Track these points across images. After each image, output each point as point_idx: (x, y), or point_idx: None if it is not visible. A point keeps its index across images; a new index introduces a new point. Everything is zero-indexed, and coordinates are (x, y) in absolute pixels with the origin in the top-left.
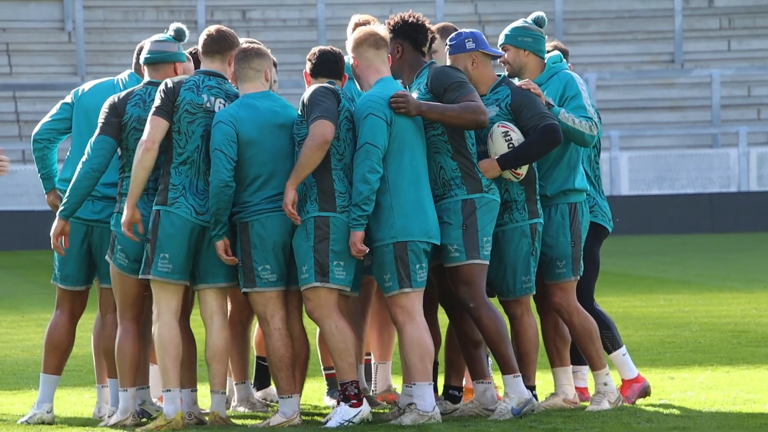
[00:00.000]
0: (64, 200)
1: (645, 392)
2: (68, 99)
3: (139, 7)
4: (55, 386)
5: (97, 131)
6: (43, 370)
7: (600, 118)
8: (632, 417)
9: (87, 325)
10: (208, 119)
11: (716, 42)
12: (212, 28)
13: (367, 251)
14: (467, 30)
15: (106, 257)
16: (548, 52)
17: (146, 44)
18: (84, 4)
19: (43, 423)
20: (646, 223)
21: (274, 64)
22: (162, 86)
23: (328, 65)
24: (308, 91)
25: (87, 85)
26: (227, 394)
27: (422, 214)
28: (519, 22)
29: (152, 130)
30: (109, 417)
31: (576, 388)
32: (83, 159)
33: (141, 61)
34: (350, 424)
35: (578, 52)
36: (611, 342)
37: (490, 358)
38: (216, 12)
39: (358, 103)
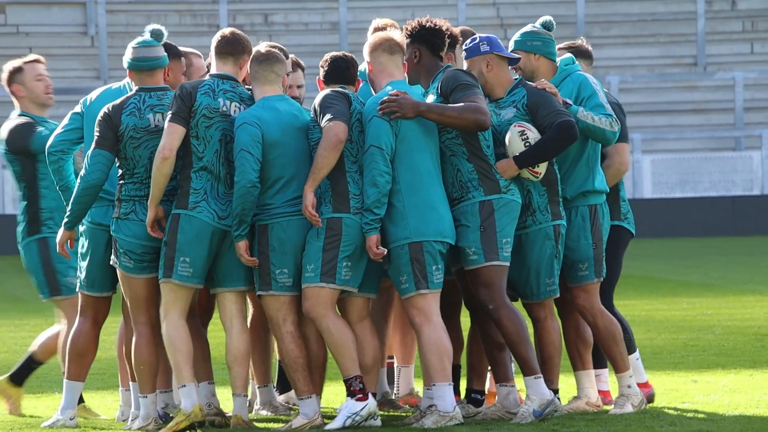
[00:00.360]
0: (68, 212)
1: (649, 399)
2: (78, 109)
3: (162, 11)
4: (79, 393)
5: (93, 144)
6: (66, 377)
7: (624, 114)
8: (655, 420)
9: (110, 328)
10: (225, 123)
11: (739, 45)
12: (226, 30)
13: (385, 254)
14: (483, 34)
15: (111, 262)
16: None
17: (130, 50)
18: (107, 9)
19: (66, 428)
20: (669, 227)
21: (302, 68)
22: (178, 91)
23: (340, 71)
24: (319, 96)
25: (94, 93)
26: (249, 397)
27: (435, 214)
28: (528, 27)
29: (169, 137)
30: (132, 420)
31: (599, 391)
32: (81, 173)
33: (127, 66)
34: (358, 417)
35: (600, 55)
36: (628, 345)
37: (513, 364)
38: (238, 16)
39: (365, 106)
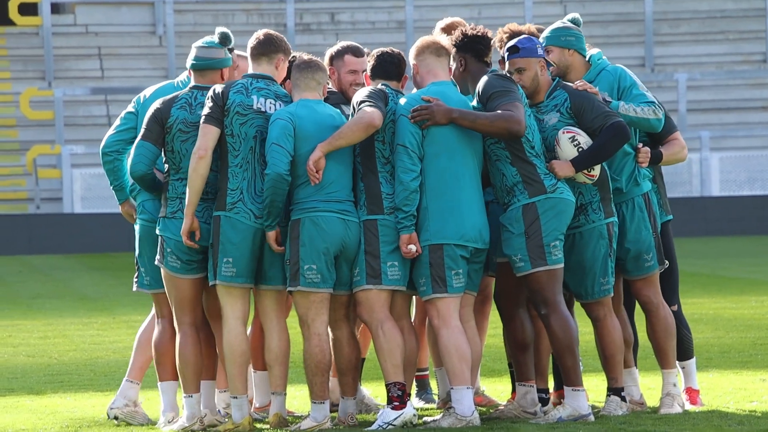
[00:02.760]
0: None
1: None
2: (131, 108)
3: (229, 10)
4: (175, 391)
5: (140, 136)
6: (160, 379)
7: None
8: (723, 419)
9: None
10: (260, 120)
11: None
12: (260, 33)
13: (416, 252)
14: (535, 37)
15: (156, 262)
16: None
17: (193, 49)
18: (175, 8)
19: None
20: (737, 224)
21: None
22: (210, 92)
23: (386, 66)
24: (358, 92)
25: (148, 91)
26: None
27: (458, 218)
28: (558, 23)
29: (203, 138)
30: (169, 422)
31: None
32: (129, 164)
33: (187, 65)
34: (390, 427)
35: (669, 52)
36: (688, 348)
37: (581, 364)
38: (305, 15)
39: (397, 105)
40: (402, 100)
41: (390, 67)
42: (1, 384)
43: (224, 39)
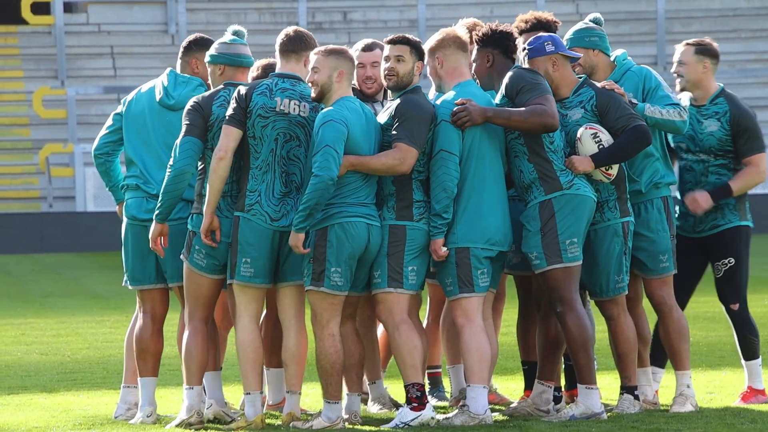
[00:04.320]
0: (159, 204)
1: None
2: (119, 109)
3: (242, 9)
4: (154, 386)
5: (183, 132)
6: (140, 375)
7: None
8: (736, 418)
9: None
10: (283, 122)
11: None
12: (290, 29)
13: (447, 255)
14: (545, 33)
15: (181, 256)
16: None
17: (219, 46)
18: (187, 7)
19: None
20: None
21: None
22: (235, 93)
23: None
24: (404, 100)
25: (133, 93)
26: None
27: (484, 222)
28: (580, 24)
29: (225, 139)
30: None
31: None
32: (170, 162)
33: (221, 61)
34: (406, 426)
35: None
36: (754, 349)
37: (596, 363)
38: (317, 13)
39: (436, 109)
40: (438, 103)
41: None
42: (15, 382)
43: (241, 35)
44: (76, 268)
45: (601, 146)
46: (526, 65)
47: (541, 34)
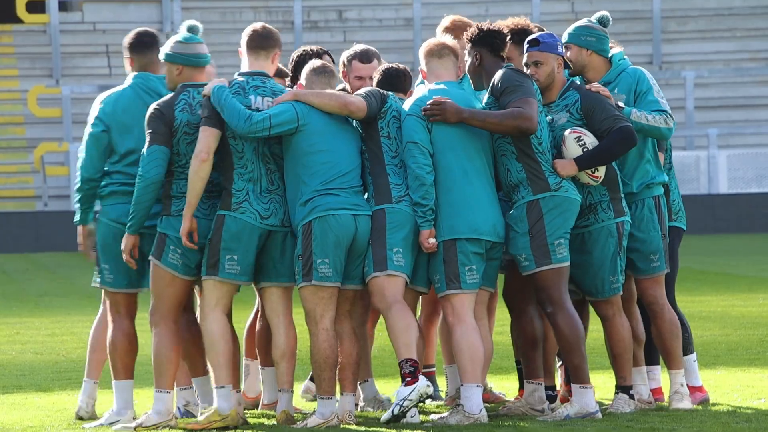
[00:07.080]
0: (131, 215)
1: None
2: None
3: (237, 8)
4: (132, 388)
5: (148, 142)
6: (115, 378)
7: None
8: (731, 417)
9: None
10: None
11: None
12: (258, 25)
13: (436, 247)
14: (554, 34)
15: (151, 258)
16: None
17: (175, 45)
18: (182, 6)
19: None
20: (745, 222)
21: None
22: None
23: (391, 80)
24: (360, 89)
25: (102, 101)
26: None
27: (469, 212)
28: (583, 21)
29: (205, 140)
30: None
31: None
32: (139, 172)
33: (179, 61)
34: (406, 402)
35: (677, 50)
36: (685, 345)
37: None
38: (312, 12)
39: (404, 105)
40: (408, 101)
41: (395, 80)
42: (9, 381)
43: (196, 31)
44: (71, 267)
45: (585, 149)
46: (524, 58)
47: (551, 32)
